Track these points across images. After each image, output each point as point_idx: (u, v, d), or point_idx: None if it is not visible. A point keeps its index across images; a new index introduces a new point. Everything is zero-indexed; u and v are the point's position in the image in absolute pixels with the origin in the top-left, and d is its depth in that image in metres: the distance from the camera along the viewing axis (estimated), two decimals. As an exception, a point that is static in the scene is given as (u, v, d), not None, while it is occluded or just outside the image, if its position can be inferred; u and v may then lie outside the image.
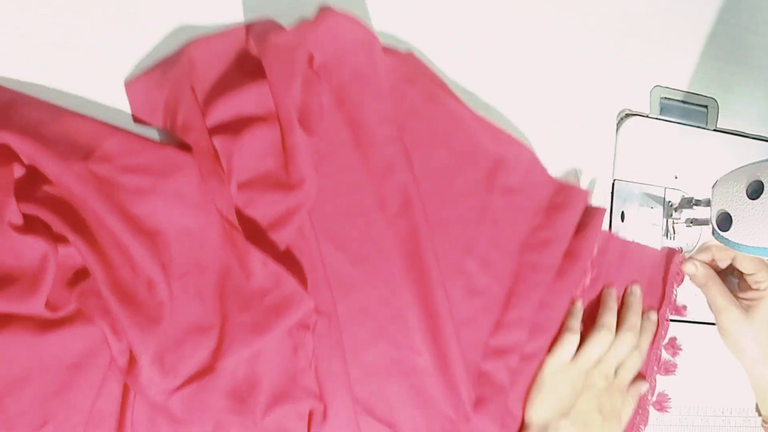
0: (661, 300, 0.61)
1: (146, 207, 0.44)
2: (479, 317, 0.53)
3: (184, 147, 0.47)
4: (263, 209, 0.47)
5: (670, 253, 0.61)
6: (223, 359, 0.44)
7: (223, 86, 0.47)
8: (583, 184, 0.60)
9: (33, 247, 0.41)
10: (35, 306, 0.41)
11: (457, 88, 0.57)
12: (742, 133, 0.67)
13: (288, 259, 0.47)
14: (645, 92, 0.64)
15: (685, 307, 0.62)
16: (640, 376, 0.60)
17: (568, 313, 0.56)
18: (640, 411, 0.59)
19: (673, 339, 0.62)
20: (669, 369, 0.61)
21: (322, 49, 0.48)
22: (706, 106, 0.66)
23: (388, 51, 0.52)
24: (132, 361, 0.43)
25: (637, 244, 0.61)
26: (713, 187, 0.54)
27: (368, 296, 0.50)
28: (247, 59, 0.49)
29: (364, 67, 0.49)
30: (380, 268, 0.50)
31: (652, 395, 0.60)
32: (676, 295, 0.61)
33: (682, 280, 0.61)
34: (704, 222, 0.60)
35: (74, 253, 0.42)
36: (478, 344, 0.53)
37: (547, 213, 0.56)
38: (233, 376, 0.45)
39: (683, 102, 0.65)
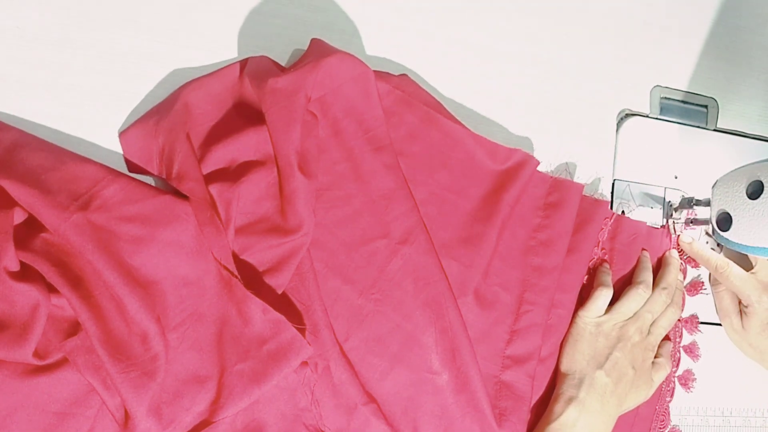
0: None
1: (143, 257, 0.43)
2: (493, 329, 0.53)
3: (182, 193, 0.46)
4: (261, 254, 0.46)
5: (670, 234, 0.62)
6: (221, 411, 0.43)
7: (220, 131, 0.47)
8: (577, 179, 0.60)
9: (26, 295, 0.40)
10: (22, 355, 0.40)
11: (457, 87, 0.57)
12: (742, 133, 0.67)
13: (286, 304, 0.47)
14: (645, 92, 0.64)
15: (702, 284, 0.63)
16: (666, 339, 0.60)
17: (599, 272, 0.57)
18: (664, 383, 0.60)
19: (695, 317, 0.63)
20: (693, 350, 0.62)
21: (319, 89, 0.48)
22: (706, 106, 0.66)
23: (382, 75, 0.52)
24: (128, 415, 0.42)
25: (645, 224, 0.61)
26: (713, 187, 0.54)
27: (381, 325, 0.49)
28: (242, 101, 0.49)
29: (358, 99, 0.50)
30: (390, 296, 0.50)
31: (677, 368, 0.61)
32: (684, 266, 0.62)
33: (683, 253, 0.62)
34: (704, 222, 0.60)
35: (67, 304, 0.42)
36: (496, 356, 0.53)
37: (544, 212, 0.57)
38: (233, 426, 0.44)
39: (683, 102, 0.65)
